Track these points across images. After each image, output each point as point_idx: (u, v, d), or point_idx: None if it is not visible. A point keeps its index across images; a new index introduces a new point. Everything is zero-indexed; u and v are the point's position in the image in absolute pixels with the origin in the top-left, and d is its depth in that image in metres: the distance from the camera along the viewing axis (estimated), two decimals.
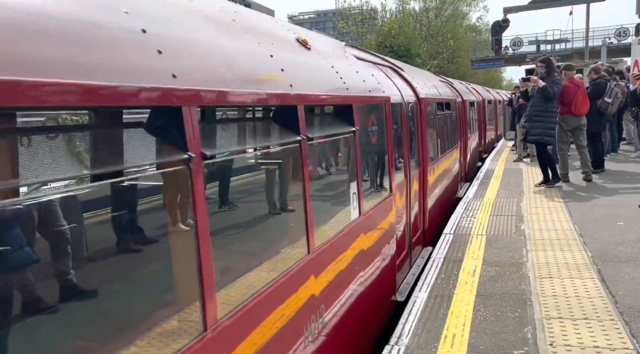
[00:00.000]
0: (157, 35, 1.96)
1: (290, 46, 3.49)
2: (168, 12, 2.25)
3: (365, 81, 4.76)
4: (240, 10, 3.23)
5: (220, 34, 2.57)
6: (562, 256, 5.04)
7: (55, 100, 1.46)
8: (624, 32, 36.57)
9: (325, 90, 3.66)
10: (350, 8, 44.59)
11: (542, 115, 8.35)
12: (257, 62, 2.79)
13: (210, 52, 2.35)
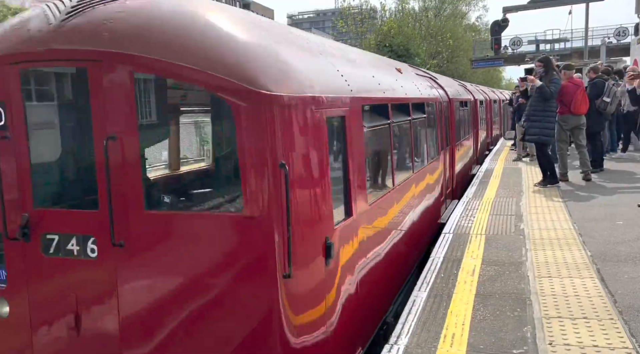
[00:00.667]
0: (343, 71, 4.20)
1: (396, 73, 6.64)
2: (349, 57, 4.95)
3: (427, 89, 7.96)
4: (382, 58, 7.55)
5: (372, 69, 5.55)
6: (561, 255, 5.05)
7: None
8: (623, 31, 36.60)
9: (412, 94, 6.58)
10: (349, 7, 44.55)
11: (539, 114, 8.35)
12: (389, 81, 5.73)
13: (368, 78, 5.04)
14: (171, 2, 3.32)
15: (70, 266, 3.27)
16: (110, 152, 3.08)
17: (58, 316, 3.33)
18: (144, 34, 3.07)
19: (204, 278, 3.09)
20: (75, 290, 3.28)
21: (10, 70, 3.26)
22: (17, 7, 15.26)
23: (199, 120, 4.69)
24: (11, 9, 14.88)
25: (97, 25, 3.12)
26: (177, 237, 3.12)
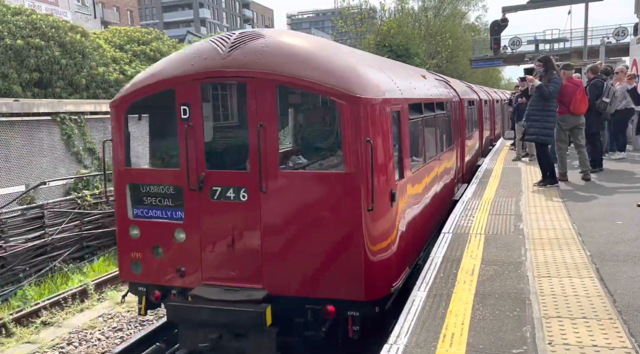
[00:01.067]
0: (395, 81, 5.92)
1: (422, 79, 8.12)
2: (397, 71, 6.90)
3: (444, 91, 9.44)
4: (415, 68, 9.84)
5: (410, 78, 7.14)
6: (560, 255, 5.05)
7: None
8: (623, 31, 36.58)
9: (435, 96, 8.16)
10: (349, 7, 44.56)
11: (539, 114, 8.35)
12: (420, 86, 7.14)
13: (409, 84, 6.47)
14: (295, 40, 5.47)
15: (227, 206, 5.14)
16: (260, 134, 4.94)
17: (220, 239, 5.16)
18: (281, 61, 5.01)
19: (316, 210, 4.91)
20: (231, 221, 5.11)
21: (193, 84, 5.17)
22: (17, 7, 15.23)
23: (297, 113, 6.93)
24: (11, 9, 14.85)
25: (251, 55, 5.07)
26: (298, 186, 4.97)
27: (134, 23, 54.07)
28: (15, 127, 10.33)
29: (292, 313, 5.06)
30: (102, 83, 16.19)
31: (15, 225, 9.41)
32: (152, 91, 5.44)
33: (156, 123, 6.20)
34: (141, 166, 5.60)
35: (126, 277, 5.65)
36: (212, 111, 5.96)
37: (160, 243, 5.44)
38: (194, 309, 5.05)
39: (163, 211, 5.45)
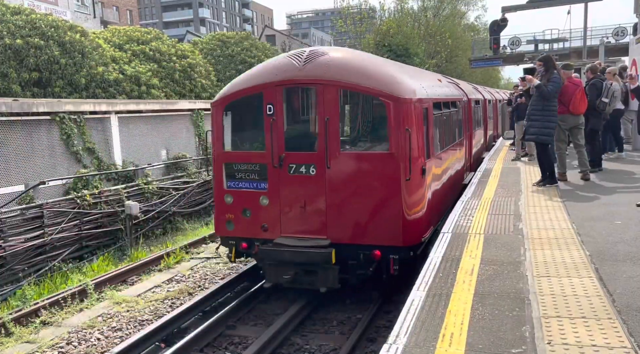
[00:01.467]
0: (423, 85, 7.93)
1: (439, 82, 9.90)
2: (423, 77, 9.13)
3: (455, 92, 11.08)
4: (433, 74, 12.32)
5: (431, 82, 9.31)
6: (560, 255, 5.05)
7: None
8: (622, 31, 36.59)
9: (449, 96, 9.75)
10: (348, 7, 44.53)
11: (539, 114, 8.35)
12: (438, 88, 9.23)
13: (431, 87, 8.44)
14: (350, 56, 7.58)
15: (300, 179, 6.98)
16: (326, 125, 6.81)
17: (294, 202, 7.04)
18: (342, 71, 6.91)
19: (367, 180, 6.75)
20: (303, 189, 6.96)
21: (277, 88, 7.05)
22: (16, 6, 15.22)
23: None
24: (10, 8, 14.83)
25: (319, 67, 6.94)
26: (354, 163, 6.83)
27: (134, 23, 54.03)
28: (15, 127, 10.32)
29: (348, 256, 6.89)
30: (101, 82, 16.18)
31: (15, 225, 9.40)
32: (245, 94, 7.34)
33: (244, 118, 7.81)
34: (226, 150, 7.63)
35: (221, 233, 7.64)
36: (289, 108, 7.52)
37: (249, 207, 7.34)
38: (279, 252, 6.91)
39: (251, 183, 7.32)
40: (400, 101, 6.69)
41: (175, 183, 13.46)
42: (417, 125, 6.95)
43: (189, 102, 15.90)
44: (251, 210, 7.31)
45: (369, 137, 7.49)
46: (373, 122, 7.47)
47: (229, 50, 23.39)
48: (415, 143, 6.82)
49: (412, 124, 6.77)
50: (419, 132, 6.97)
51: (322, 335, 6.81)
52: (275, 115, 7.05)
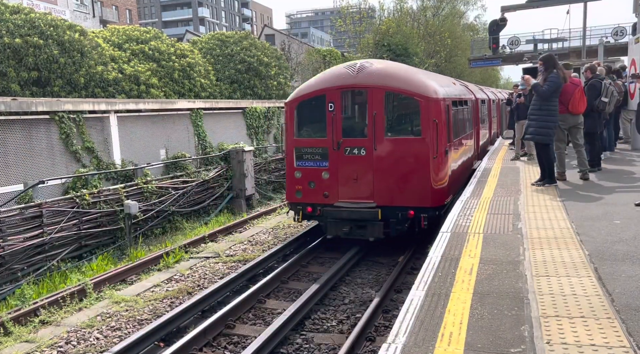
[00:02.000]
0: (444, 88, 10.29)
1: (453, 85, 12.28)
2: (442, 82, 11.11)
3: (465, 92, 12.99)
4: (449, 78, 14.53)
5: (449, 85, 11.64)
6: (559, 254, 5.05)
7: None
8: (621, 31, 36.62)
9: (461, 95, 12.06)
10: (348, 7, 44.50)
11: (537, 113, 8.39)
12: (454, 89, 11.51)
13: (448, 89, 10.73)
14: (391, 66, 10.02)
15: (353, 158, 9.24)
16: (374, 118, 9.11)
17: (349, 176, 9.31)
18: (385, 78, 9.26)
19: (404, 158, 9.06)
20: (355, 166, 9.23)
21: (337, 91, 9.35)
22: (15, 6, 15.19)
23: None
24: (9, 7, 14.81)
25: (369, 75, 9.30)
26: (394, 145, 9.12)
27: (133, 22, 53.99)
28: (14, 126, 10.31)
29: (389, 215, 9.21)
30: (100, 82, 16.16)
31: (14, 224, 9.39)
32: (312, 95, 9.77)
33: (310, 113, 9.93)
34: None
35: (291, 200, 10.02)
36: (345, 106, 9.78)
37: (313, 180, 9.69)
38: (339, 212, 9.41)
39: (315, 162, 9.68)
40: (428, 99, 9.16)
41: (174, 182, 13.46)
42: (441, 118, 9.27)
43: (188, 101, 15.89)
44: (315, 182, 9.72)
45: (405, 126, 9.73)
46: (408, 115, 9.72)
47: (228, 50, 23.37)
48: (440, 130, 9.18)
49: (437, 116, 9.16)
50: (442, 122, 9.28)
51: (322, 334, 6.81)
52: (335, 111, 9.48)
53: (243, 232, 12.68)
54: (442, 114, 9.33)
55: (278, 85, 24.53)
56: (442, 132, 9.28)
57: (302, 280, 8.99)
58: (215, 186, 14.96)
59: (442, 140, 9.26)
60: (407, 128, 9.63)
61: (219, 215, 14.57)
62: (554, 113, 8.41)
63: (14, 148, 10.29)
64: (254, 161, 16.79)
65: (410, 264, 9.31)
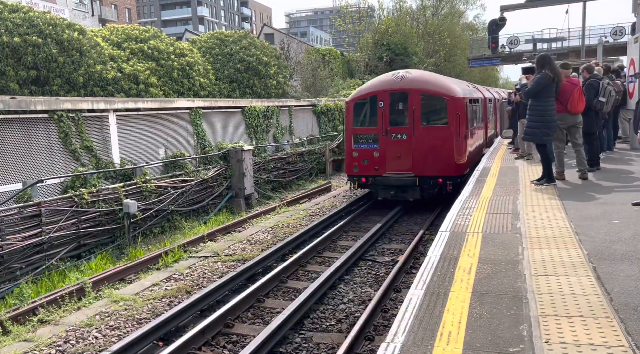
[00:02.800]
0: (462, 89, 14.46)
1: (467, 87, 16.79)
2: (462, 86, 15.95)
3: (477, 92, 17.13)
4: (466, 82, 21.42)
5: (467, 87, 16.59)
6: (557, 254, 5.05)
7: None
8: (620, 31, 36.64)
9: (475, 96, 15.96)
10: (347, 6, 44.46)
11: (527, 113, 8.65)
12: (469, 90, 15.64)
13: (466, 90, 15.21)
14: (426, 74, 14.53)
15: (397, 141, 13.08)
16: (413, 112, 12.97)
17: (394, 154, 13.16)
18: (421, 83, 13.26)
19: (435, 141, 12.82)
20: (399, 147, 13.08)
21: (385, 93, 13.30)
22: (14, 4, 15.16)
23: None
24: (8, 6, 14.78)
25: (409, 81, 13.27)
26: (428, 131, 12.97)
27: (132, 21, 53.93)
28: (12, 125, 10.29)
29: (424, 182, 12.75)
30: (99, 81, 16.14)
31: (12, 223, 9.38)
32: (366, 96, 13.57)
33: (365, 109, 13.67)
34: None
35: (350, 173, 13.79)
36: (391, 103, 13.41)
37: (367, 158, 13.30)
38: (387, 179, 13.09)
39: (368, 145, 13.30)
40: (453, 98, 12.99)
41: (173, 181, 13.45)
42: (461, 111, 13.02)
43: (187, 100, 15.87)
44: (368, 159, 13.45)
45: (436, 118, 13.29)
46: (438, 110, 13.26)
47: (228, 49, 23.35)
48: (462, 120, 13.00)
49: (459, 110, 12.95)
50: (462, 115, 13.03)
51: (320, 334, 6.81)
52: (384, 107, 13.30)
53: (242, 231, 12.68)
54: (462, 109, 13.12)
55: (277, 84, 24.51)
56: (463, 122, 13.08)
57: (301, 279, 9.00)
58: (215, 186, 14.95)
59: (462, 128, 13.07)
60: (437, 119, 13.26)
61: (218, 214, 14.56)
62: (543, 113, 8.40)
63: (13, 147, 10.28)
64: (253, 160, 16.79)
65: (410, 263, 9.33)
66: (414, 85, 13.14)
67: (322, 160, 21.91)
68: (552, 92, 8.40)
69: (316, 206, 15.11)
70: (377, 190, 13.50)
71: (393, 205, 13.71)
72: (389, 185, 13.18)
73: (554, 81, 8.34)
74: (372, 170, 13.37)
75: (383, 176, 13.20)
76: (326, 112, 24.93)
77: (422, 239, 10.77)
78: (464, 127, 13.07)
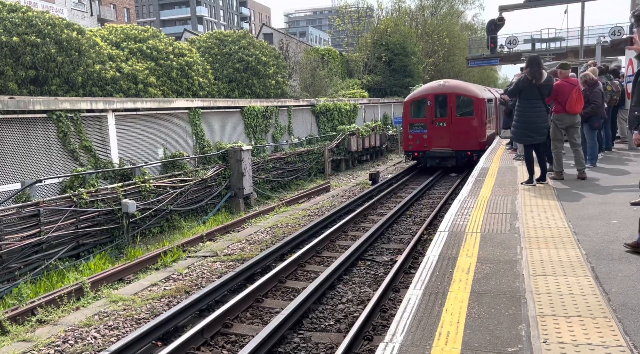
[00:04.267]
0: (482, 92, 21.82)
1: (483, 89, 24.24)
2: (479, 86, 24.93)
3: (489, 93, 23.96)
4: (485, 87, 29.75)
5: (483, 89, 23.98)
6: (556, 253, 5.06)
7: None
8: (619, 31, 36.65)
9: (488, 96, 22.58)
10: (346, 6, 44.43)
11: (514, 114, 8.94)
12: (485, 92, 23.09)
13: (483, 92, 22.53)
14: (460, 82, 22.12)
15: (440, 128, 20.08)
16: (451, 108, 19.98)
17: (438, 136, 20.10)
18: (456, 88, 20.34)
19: (465, 127, 19.83)
20: (442, 131, 20.02)
21: (431, 95, 20.30)
22: (13, 4, 15.15)
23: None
24: (6, 6, 14.77)
25: (448, 88, 20.30)
26: (461, 121, 19.89)
27: (131, 20, 53.89)
28: (11, 125, 10.29)
29: (458, 154, 19.67)
30: (98, 81, 16.13)
31: (11, 223, 9.38)
32: (419, 97, 20.56)
33: (418, 106, 20.41)
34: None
35: (406, 149, 20.92)
36: (436, 102, 19.99)
37: (418, 139, 20.16)
38: (433, 152, 20.04)
39: (419, 130, 20.14)
40: (477, 98, 19.69)
41: (172, 181, 13.45)
42: (483, 107, 19.62)
43: (186, 100, 15.86)
44: (420, 140, 19.97)
45: (466, 111, 19.63)
46: (467, 106, 19.66)
47: (227, 49, 23.34)
48: (484, 113, 19.65)
49: (481, 107, 19.58)
50: (483, 109, 19.61)
51: (319, 333, 6.82)
52: (431, 105, 19.86)
53: (241, 231, 12.68)
54: (483, 105, 19.77)
55: (276, 84, 24.51)
56: (484, 114, 19.72)
57: (300, 279, 9.00)
58: (213, 186, 14.95)
59: (483, 119, 19.68)
60: (466, 112, 19.77)
61: (217, 214, 14.56)
62: (522, 114, 8.57)
63: (12, 146, 10.28)
64: (252, 160, 16.78)
65: (408, 263, 9.34)
66: (451, 90, 19.90)
67: (321, 160, 21.92)
68: (532, 94, 8.38)
69: (315, 206, 15.12)
70: (426, 160, 20.30)
71: (430, 174, 20.39)
72: (434, 157, 19.96)
73: (532, 83, 8.31)
74: (422, 147, 20.13)
75: (430, 151, 19.99)
76: (325, 111, 24.94)
77: (420, 239, 10.78)
78: (484, 117, 19.82)
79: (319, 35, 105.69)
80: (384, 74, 38.75)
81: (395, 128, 30.85)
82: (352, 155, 24.61)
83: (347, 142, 23.81)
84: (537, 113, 8.39)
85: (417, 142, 20.13)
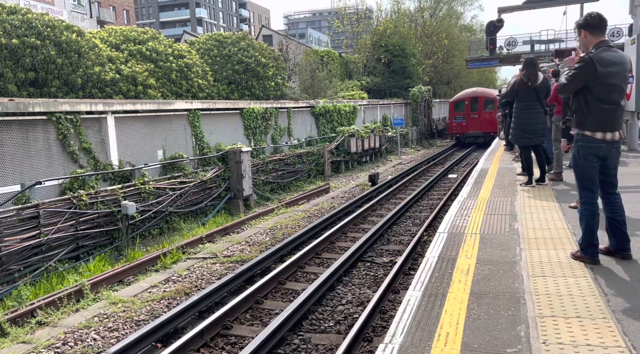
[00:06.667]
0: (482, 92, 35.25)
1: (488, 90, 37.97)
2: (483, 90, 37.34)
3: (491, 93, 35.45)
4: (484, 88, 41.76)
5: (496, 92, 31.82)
6: (555, 254, 5.07)
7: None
8: (617, 32, 36.70)
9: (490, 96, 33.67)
10: (345, 7, 44.48)
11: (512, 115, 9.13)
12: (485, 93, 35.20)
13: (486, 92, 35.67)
14: (485, 89, 38.20)
15: (474, 118, 33.64)
16: (480, 106, 33.38)
17: (473, 123, 33.61)
18: (484, 93, 34.22)
19: (490, 117, 31.29)
20: (475, 121, 34.24)
21: (468, 98, 34.26)
22: (12, 6, 15.17)
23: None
24: (6, 8, 14.78)
25: (479, 93, 34.75)
26: (488, 114, 32.43)
27: (130, 22, 53.92)
28: (10, 127, 10.29)
29: (485, 135, 32.27)
30: (97, 82, 16.14)
31: (11, 225, 9.38)
32: (460, 99, 34.37)
33: (459, 105, 34.18)
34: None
35: (451, 132, 35.83)
36: (471, 102, 33.49)
37: (460, 125, 33.94)
38: (469, 134, 33.65)
39: (460, 119, 33.88)
40: (496, 99, 25.21)
41: (171, 183, 13.45)
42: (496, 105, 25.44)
43: (185, 102, 15.87)
44: (461, 125, 33.75)
45: (490, 107, 32.20)
46: (491, 104, 31.87)
47: (226, 50, 23.36)
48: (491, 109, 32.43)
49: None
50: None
51: (319, 335, 6.82)
52: (467, 103, 33.50)
53: (240, 233, 12.68)
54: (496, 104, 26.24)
55: (276, 86, 24.53)
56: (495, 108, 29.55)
57: (300, 281, 9.00)
58: (213, 187, 14.96)
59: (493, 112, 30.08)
60: (490, 108, 30.94)
61: (217, 216, 14.56)
62: (518, 116, 8.71)
63: (11, 148, 10.28)
64: (252, 161, 16.79)
65: (408, 264, 9.34)
66: (480, 94, 32.93)
67: (321, 161, 21.92)
68: (528, 96, 8.42)
69: (315, 208, 15.13)
70: (464, 139, 33.15)
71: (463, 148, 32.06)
72: (470, 137, 32.71)
73: (527, 86, 8.35)
74: (462, 130, 33.15)
75: (467, 133, 32.77)
76: (324, 113, 24.96)
77: (420, 240, 10.79)
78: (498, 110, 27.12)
79: (318, 37, 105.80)
80: (383, 76, 38.80)
81: (395, 130, 30.88)
82: (352, 156, 24.63)
83: (347, 143, 23.83)
84: (534, 114, 8.43)
85: (459, 128, 33.55)
